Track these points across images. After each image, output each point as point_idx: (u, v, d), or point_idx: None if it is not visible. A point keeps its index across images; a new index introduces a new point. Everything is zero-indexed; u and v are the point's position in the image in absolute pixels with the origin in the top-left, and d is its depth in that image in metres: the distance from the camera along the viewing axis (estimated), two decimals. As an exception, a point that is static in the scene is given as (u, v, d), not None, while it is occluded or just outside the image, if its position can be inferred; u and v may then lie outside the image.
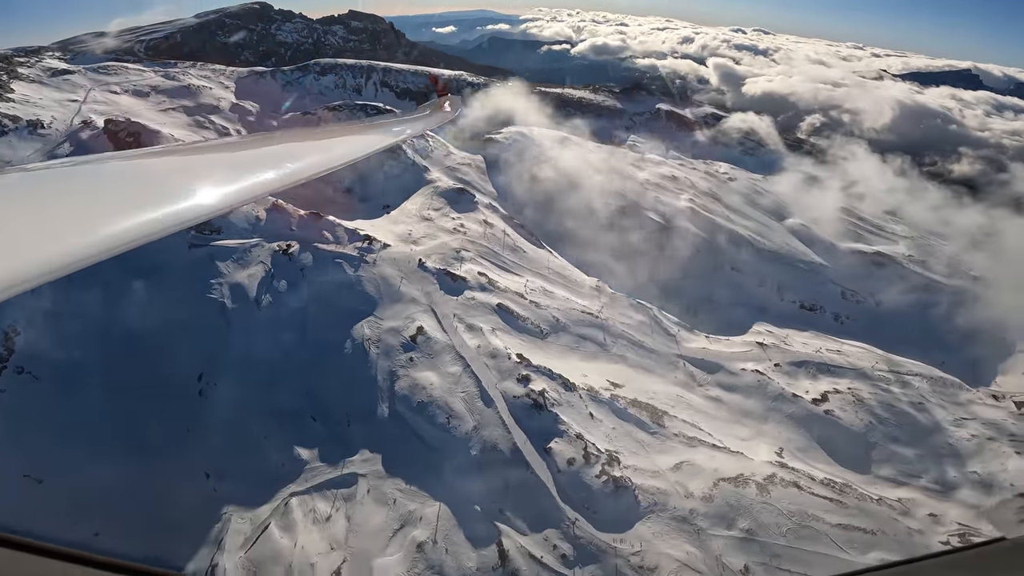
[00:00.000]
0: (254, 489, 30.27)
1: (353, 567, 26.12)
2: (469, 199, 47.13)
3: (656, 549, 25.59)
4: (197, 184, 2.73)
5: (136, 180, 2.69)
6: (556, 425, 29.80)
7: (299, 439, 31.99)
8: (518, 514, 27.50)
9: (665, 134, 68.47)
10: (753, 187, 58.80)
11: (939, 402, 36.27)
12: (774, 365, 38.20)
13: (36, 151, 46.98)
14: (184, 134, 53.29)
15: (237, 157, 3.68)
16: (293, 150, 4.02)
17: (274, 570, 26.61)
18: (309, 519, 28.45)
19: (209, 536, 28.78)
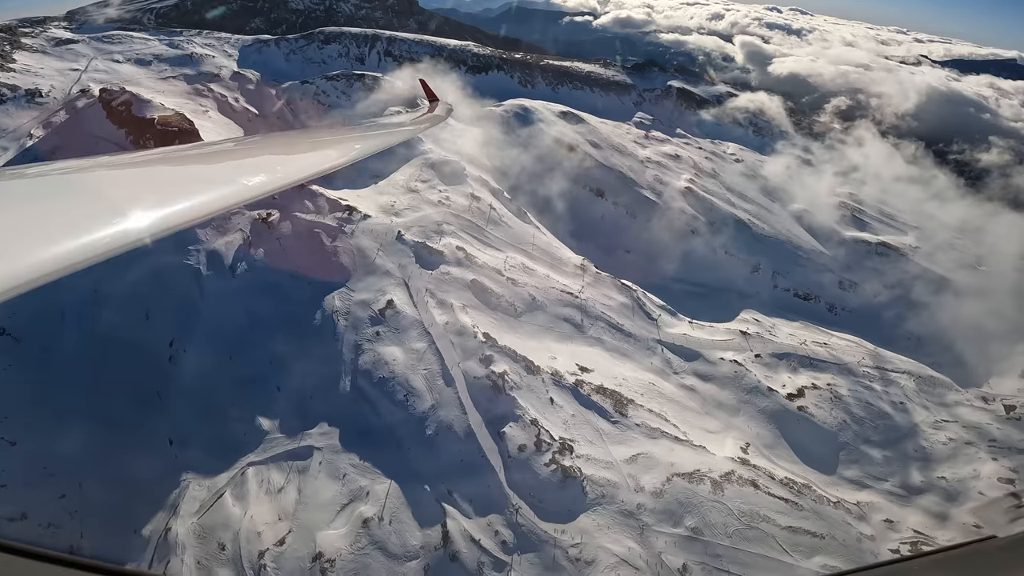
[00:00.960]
0: (214, 457, 30.10)
1: (297, 538, 25.77)
2: (459, 171, 45.66)
3: (597, 542, 24.66)
4: (186, 191, 2.64)
5: (109, 189, 2.54)
6: (513, 409, 28.79)
7: (262, 409, 31.62)
8: (465, 497, 26.76)
9: (674, 112, 65.50)
10: (759, 169, 55.85)
11: (923, 402, 34.21)
12: (755, 356, 36.39)
13: (33, 119, 46.94)
14: (181, 102, 52.65)
15: (229, 162, 3.61)
16: (282, 155, 3.95)
17: (223, 536, 26.44)
18: (263, 489, 28.15)
19: (167, 501, 28.78)
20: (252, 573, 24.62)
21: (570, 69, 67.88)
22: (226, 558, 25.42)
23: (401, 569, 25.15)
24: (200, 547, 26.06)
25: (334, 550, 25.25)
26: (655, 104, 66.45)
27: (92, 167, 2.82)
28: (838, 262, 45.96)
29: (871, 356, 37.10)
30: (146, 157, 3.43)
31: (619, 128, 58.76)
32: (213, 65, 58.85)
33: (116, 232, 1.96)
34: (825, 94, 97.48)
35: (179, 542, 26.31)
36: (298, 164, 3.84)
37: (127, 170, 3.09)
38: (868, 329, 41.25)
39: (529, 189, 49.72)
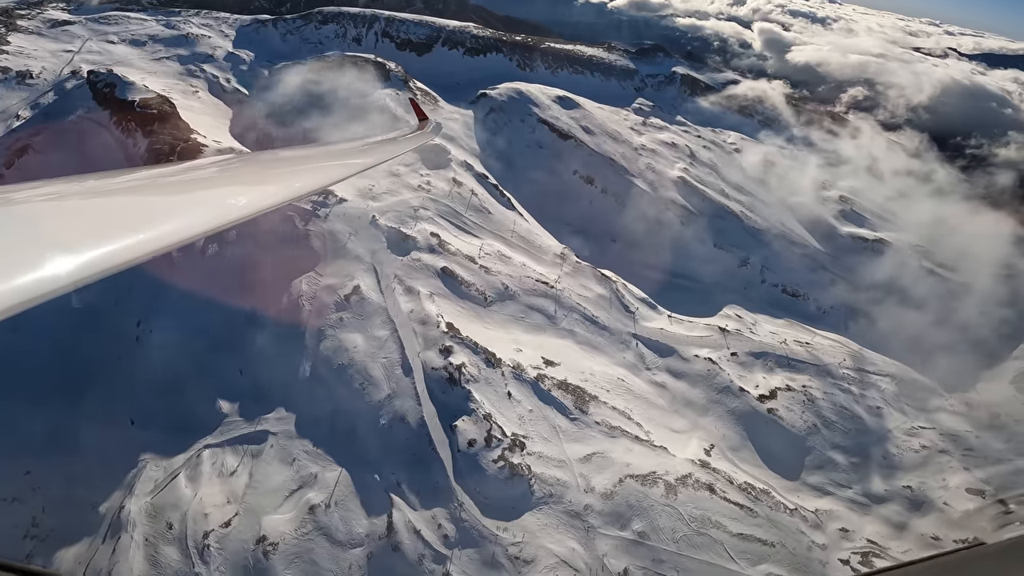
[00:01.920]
0: (173, 438, 30.10)
1: (243, 521, 25.68)
2: (444, 155, 44.76)
3: (538, 542, 24.08)
4: (172, 211, 2.63)
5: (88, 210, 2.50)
6: (467, 403, 28.18)
7: (223, 391, 31.51)
8: (413, 488, 26.37)
9: (677, 99, 63.41)
10: (758, 159, 53.81)
11: (901, 407, 32.85)
12: (731, 354, 35.19)
13: (22, 100, 47.11)
14: (172, 83, 52.47)
15: (210, 182, 3.53)
16: (266, 177, 3.88)
17: (172, 516, 26.40)
18: (216, 472, 28.08)
19: (124, 480, 28.77)
20: (196, 552, 24.58)
21: (571, 53, 66.05)
22: (172, 537, 25.40)
23: (344, 555, 24.91)
24: (150, 525, 26.06)
25: (278, 534, 25.08)
26: (658, 90, 64.44)
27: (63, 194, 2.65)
28: (832, 258, 44.16)
29: (853, 357, 35.67)
30: (124, 182, 3.23)
31: (616, 114, 57.13)
32: (208, 46, 58.48)
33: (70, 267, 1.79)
34: (842, 83, 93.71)
35: (131, 520, 26.31)
36: (282, 186, 3.72)
37: (104, 196, 2.89)
38: (857, 328, 39.74)
39: (517, 174, 48.64)
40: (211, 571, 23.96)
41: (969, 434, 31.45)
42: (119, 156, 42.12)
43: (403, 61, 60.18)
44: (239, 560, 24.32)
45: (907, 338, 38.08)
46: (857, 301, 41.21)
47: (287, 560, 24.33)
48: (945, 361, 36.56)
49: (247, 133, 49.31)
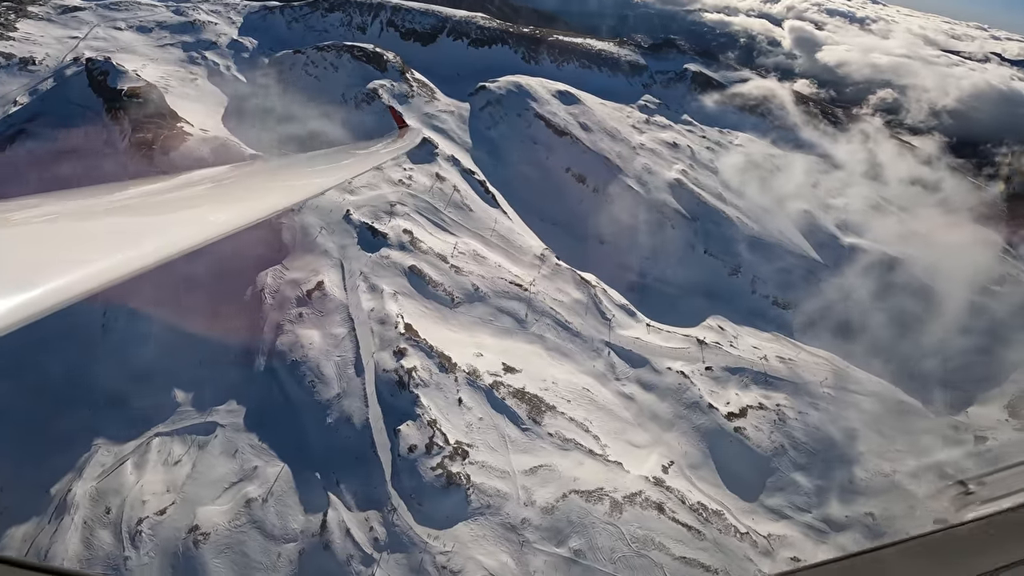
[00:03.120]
0: (128, 426, 30.36)
1: (179, 510, 25.83)
2: (429, 150, 44.01)
3: (469, 553, 23.43)
4: (146, 231, 2.64)
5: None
6: (413, 407, 27.61)
7: (180, 381, 31.61)
8: (351, 489, 26.03)
9: (686, 97, 61.15)
10: (763, 163, 51.51)
11: (880, 429, 31.33)
12: (705, 368, 33.78)
13: (22, 87, 47.90)
14: (172, 70, 52.82)
15: (186, 200, 3.47)
16: (242, 192, 3.89)
17: (112, 501, 26.56)
18: (161, 460, 28.21)
19: (77, 464, 28.97)
20: (128, 537, 24.77)
21: (580, 46, 64.36)
22: (108, 521, 25.60)
23: (276, 549, 24.80)
24: (91, 509, 26.36)
25: (211, 525, 25.10)
26: (666, 87, 62.32)
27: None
28: (830, 270, 41.98)
29: (837, 375, 34.10)
30: (103, 200, 3.15)
31: (619, 111, 55.43)
32: (213, 33, 58.71)
33: None
34: (871, 85, 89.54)
35: (75, 502, 26.67)
36: (260, 200, 3.68)
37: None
38: (849, 345, 37.65)
39: (508, 170, 47.64)
40: (140, 556, 24.03)
41: (948, 460, 29.46)
42: (107, 144, 42.44)
43: (406, 51, 59.54)
44: (169, 547, 24.39)
45: (900, 357, 35.95)
46: (852, 316, 39.11)
47: (217, 550, 24.24)
48: (938, 382, 34.40)
49: (240, 121, 49.26)
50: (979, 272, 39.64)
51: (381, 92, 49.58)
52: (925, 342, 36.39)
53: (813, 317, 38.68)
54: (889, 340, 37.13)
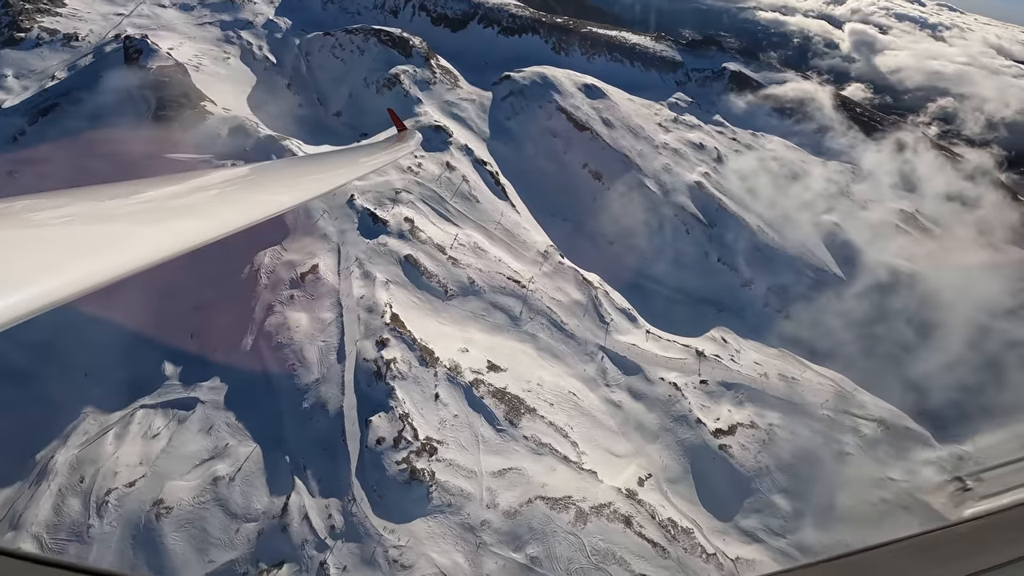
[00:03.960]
0: (117, 395, 31.04)
1: (148, 483, 26.26)
2: (442, 138, 43.43)
3: (422, 549, 23.08)
4: (162, 224, 2.76)
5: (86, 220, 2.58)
6: (387, 399, 27.28)
7: (171, 354, 32.12)
8: (316, 475, 26.01)
9: (721, 97, 58.55)
10: (796, 170, 48.76)
11: (878, 455, 29.86)
12: (699, 381, 32.27)
13: (62, 62, 49.47)
14: (206, 48, 53.73)
15: (193, 195, 3.50)
16: (243, 192, 3.94)
17: (87, 470, 27.09)
18: (141, 432, 28.69)
19: (64, 431, 29.65)
20: (95, 506, 25.24)
21: (614, 39, 62.45)
22: (80, 490, 26.15)
23: (236, 528, 25.02)
24: (67, 477, 26.95)
25: (176, 500, 25.40)
26: (702, 86, 59.86)
27: None
28: (854, 289, 39.32)
29: (841, 397, 32.36)
30: (118, 196, 3.20)
31: (647, 108, 53.52)
32: (251, 12, 59.49)
33: None
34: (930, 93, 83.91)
35: (55, 469, 27.23)
36: (258, 201, 3.73)
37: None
38: (865, 367, 35.32)
39: (523, 163, 46.68)
40: (103, 525, 24.46)
41: (939, 492, 27.33)
42: (133, 121, 43.35)
43: (435, 37, 59.06)
44: (132, 519, 24.77)
45: (916, 381, 33.52)
46: (869, 336, 36.60)
47: (177, 524, 24.55)
48: (949, 408, 32.01)
49: (265, 102, 49.79)
50: (1010, 295, 36.39)
51: (403, 78, 49.20)
52: (943, 367, 33.72)
53: (826, 335, 36.35)
54: (907, 364, 34.64)
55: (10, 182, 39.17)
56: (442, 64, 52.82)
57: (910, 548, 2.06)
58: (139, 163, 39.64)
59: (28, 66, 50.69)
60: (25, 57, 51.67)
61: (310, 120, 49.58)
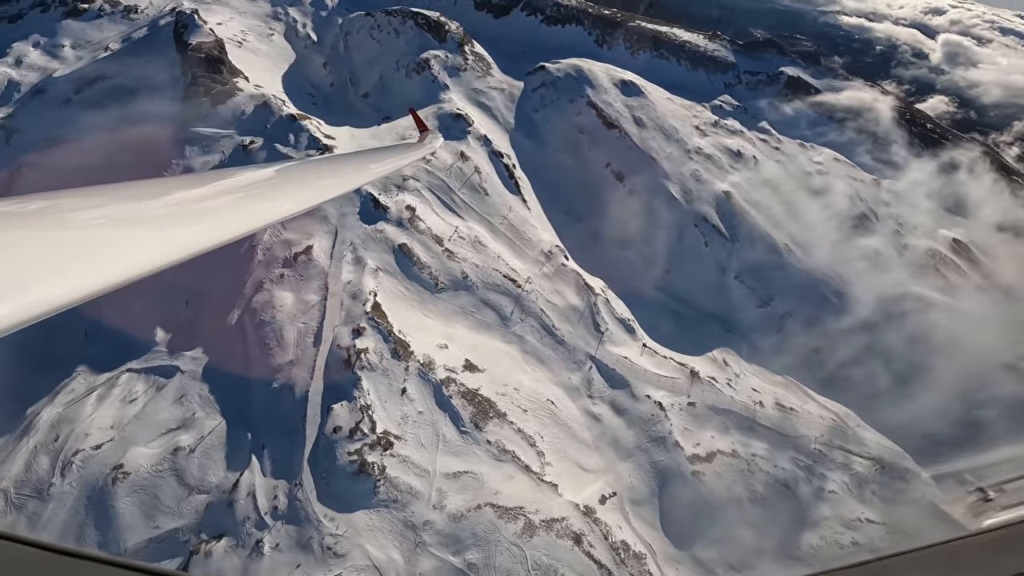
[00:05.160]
0: (110, 356, 32.34)
1: (113, 447, 27.27)
2: (461, 127, 42.88)
3: (359, 541, 23.22)
4: (173, 225, 2.79)
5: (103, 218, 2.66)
6: (352, 389, 27.35)
7: (164, 320, 33.20)
8: (272, 455, 26.43)
9: (772, 102, 55.17)
10: (842, 186, 45.32)
11: (865, 495, 28.55)
12: (687, 403, 30.68)
13: (118, 34, 51.78)
14: (253, 24, 55.13)
15: (210, 196, 3.55)
16: (256, 194, 3.92)
17: (63, 429, 28.28)
18: (121, 396, 29.82)
19: (55, 388, 31.03)
20: (60, 466, 26.33)
21: (663, 35, 59.95)
22: (52, 448, 27.40)
23: (187, 498, 25.66)
24: (45, 434, 28.34)
25: (135, 466, 26.22)
26: (752, 89, 56.68)
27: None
28: (879, 317, 36.24)
29: (838, 431, 30.63)
30: (139, 194, 3.30)
31: (687, 109, 51.16)
32: (305, -13, 60.42)
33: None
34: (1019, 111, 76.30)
35: (37, 426, 28.58)
36: (272, 204, 3.79)
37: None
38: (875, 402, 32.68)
39: (545, 157, 45.63)
40: (63, 484, 25.47)
41: (919, 535, 24.70)
42: (169, 94, 44.81)
43: (476, 22, 58.47)
44: (91, 480, 25.68)
45: (927, 423, 30.76)
46: (887, 371, 33.84)
47: (130, 490, 25.35)
48: (962, 457, 29.41)
49: (299, 80, 50.74)
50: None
51: (432, 63, 48.89)
52: (958, 411, 30.77)
53: (840, 367, 33.75)
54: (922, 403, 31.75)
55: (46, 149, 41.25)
56: (476, 51, 52.14)
57: (930, 557, 2.06)
58: (164, 136, 41.24)
59: (86, 37, 53.46)
60: (85, 28, 54.50)
61: (338, 100, 50.14)
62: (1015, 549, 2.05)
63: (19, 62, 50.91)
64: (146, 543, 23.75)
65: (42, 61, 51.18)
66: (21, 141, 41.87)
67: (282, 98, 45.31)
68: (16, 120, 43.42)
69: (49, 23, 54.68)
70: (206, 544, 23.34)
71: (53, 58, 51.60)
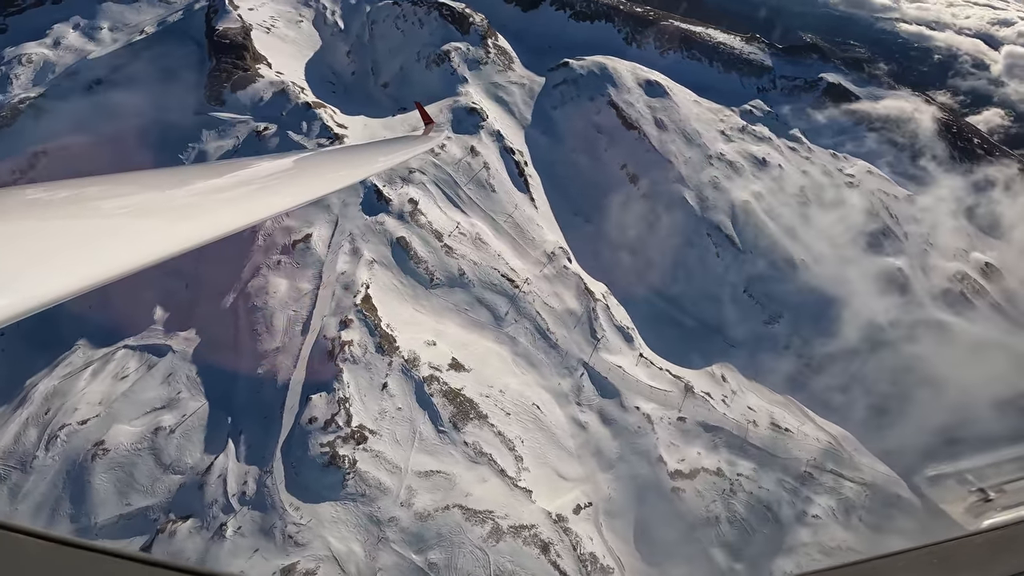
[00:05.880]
0: (110, 331, 33.39)
1: (98, 423, 28.04)
2: (475, 121, 42.71)
3: (321, 531, 23.57)
4: (165, 217, 2.84)
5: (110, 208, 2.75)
6: (332, 380, 27.57)
7: (164, 299, 34.07)
8: (248, 441, 26.94)
9: (807, 109, 53.16)
10: (871, 200, 43.31)
11: (851, 523, 27.49)
12: (677, 418, 29.92)
13: (155, 17, 53.34)
14: (283, 11, 55.93)
15: (212, 187, 3.68)
16: (259, 186, 4.04)
17: (56, 403, 29.21)
18: (113, 372, 30.68)
19: (56, 359, 32.03)
20: (46, 439, 27.22)
21: (695, 35, 58.39)
22: (42, 421, 28.47)
23: (161, 478, 26.16)
24: (38, 406, 29.42)
25: (116, 443, 26.89)
26: (788, 95, 54.74)
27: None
28: (895, 345, 34.50)
29: (831, 455, 29.82)
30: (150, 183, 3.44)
31: (713, 113, 49.76)
32: (335, -25, 61.08)
33: None
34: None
35: (32, 398, 29.59)
36: (276, 195, 3.90)
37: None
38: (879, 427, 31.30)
39: (559, 155, 45.08)
40: (46, 457, 26.34)
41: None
42: (194, 80, 45.82)
43: (503, 15, 58.06)
44: (72, 455, 26.45)
45: (934, 452, 29.32)
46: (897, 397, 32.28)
47: (108, 466, 26.05)
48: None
49: (321, 68, 51.30)
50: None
51: (453, 55, 48.81)
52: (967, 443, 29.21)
53: (845, 390, 32.39)
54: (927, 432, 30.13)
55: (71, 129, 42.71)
56: (499, 44, 51.83)
57: (924, 557, 2.08)
58: (183, 120, 42.34)
59: (124, 20, 55.30)
60: (124, 11, 56.38)
61: (358, 89, 50.51)
62: (1012, 550, 2.12)
63: (57, 43, 52.93)
64: (116, 519, 24.48)
65: (79, 43, 53.11)
66: (49, 121, 43.47)
67: (301, 85, 45.93)
68: (47, 100, 45.09)
69: (90, 5, 56.69)
70: (172, 524, 23.90)
71: (90, 40, 53.52)
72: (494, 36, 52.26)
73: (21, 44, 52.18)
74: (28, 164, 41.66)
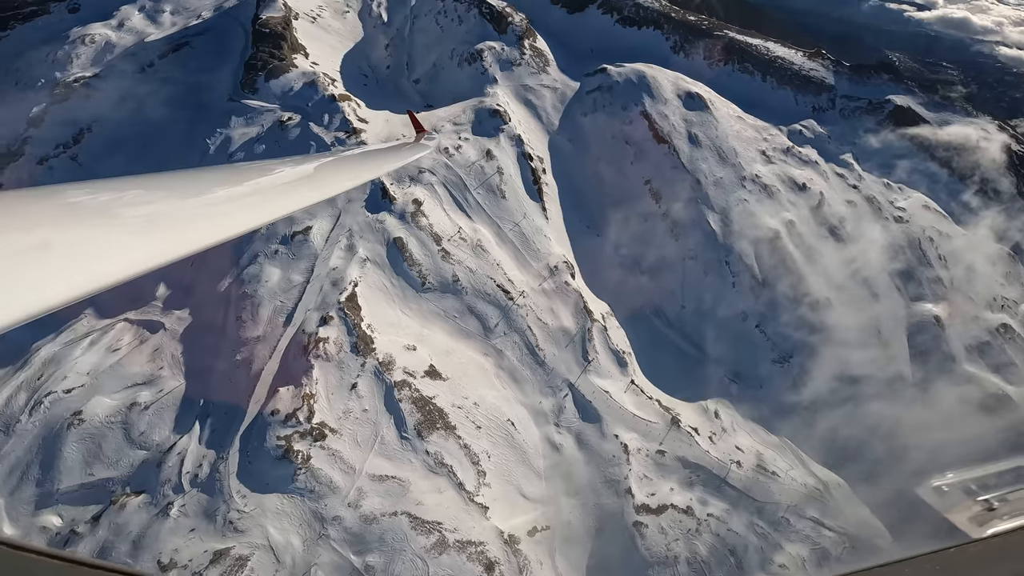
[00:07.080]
0: (115, 303, 35.39)
1: (81, 394, 29.63)
2: (496, 124, 42.62)
3: (262, 521, 24.42)
4: (146, 231, 2.81)
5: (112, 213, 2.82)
6: (303, 375, 28.21)
7: (170, 277, 35.60)
8: (213, 427, 27.88)
9: (867, 133, 50.00)
10: (917, 237, 40.26)
11: (821, 573, 26.03)
12: (656, 451, 29.09)
13: (213, 2, 55.89)
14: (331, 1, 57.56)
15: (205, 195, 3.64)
16: (248, 192, 4.02)
17: (50, 370, 31.14)
18: (107, 344, 32.50)
19: (62, 327, 33.97)
20: (32, 404, 28.95)
21: (751, 48, 56.05)
22: (33, 387, 30.29)
23: (127, 452, 27.48)
24: (35, 371, 31.40)
25: (92, 415, 28.38)
26: (847, 116, 51.78)
27: None
28: (915, 399, 31.80)
29: (816, 503, 28.59)
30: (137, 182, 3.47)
31: (757, 131, 47.73)
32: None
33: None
34: None
35: (32, 363, 31.53)
36: (264, 203, 3.97)
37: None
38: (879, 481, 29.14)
39: (582, 164, 44.51)
40: (27, 422, 28.08)
41: None
42: (234, 67, 47.80)
43: (547, 15, 57.81)
44: (51, 423, 28.15)
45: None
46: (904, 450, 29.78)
47: (80, 436, 27.51)
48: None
49: (358, 60, 52.50)
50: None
51: (486, 55, 48.96)
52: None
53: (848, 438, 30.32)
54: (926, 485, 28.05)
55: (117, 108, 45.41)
56: (536, 45, 51.55)
57: (928, 564, 2.11)
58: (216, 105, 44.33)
59: (185, 4, 58.48)
60: (188, -6, 59.63)
61: (389, 83, 51.45)
62: (1014, 555, 2.16)
63: (121, 25, 56.43)
64: (77, 487, 25.95)
65: (141, 25, 56.43)
66: (97, 101, 46.37)
67: (332, 77, 47.21)
68: (100, 80, 48.18)
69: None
70: (125, 497, 25.07)
71: (152, 23, 56.76)
72: (532, 37, 52.00)
73: (88, 24, 55.99)
74: (73, 140, 44.68)
